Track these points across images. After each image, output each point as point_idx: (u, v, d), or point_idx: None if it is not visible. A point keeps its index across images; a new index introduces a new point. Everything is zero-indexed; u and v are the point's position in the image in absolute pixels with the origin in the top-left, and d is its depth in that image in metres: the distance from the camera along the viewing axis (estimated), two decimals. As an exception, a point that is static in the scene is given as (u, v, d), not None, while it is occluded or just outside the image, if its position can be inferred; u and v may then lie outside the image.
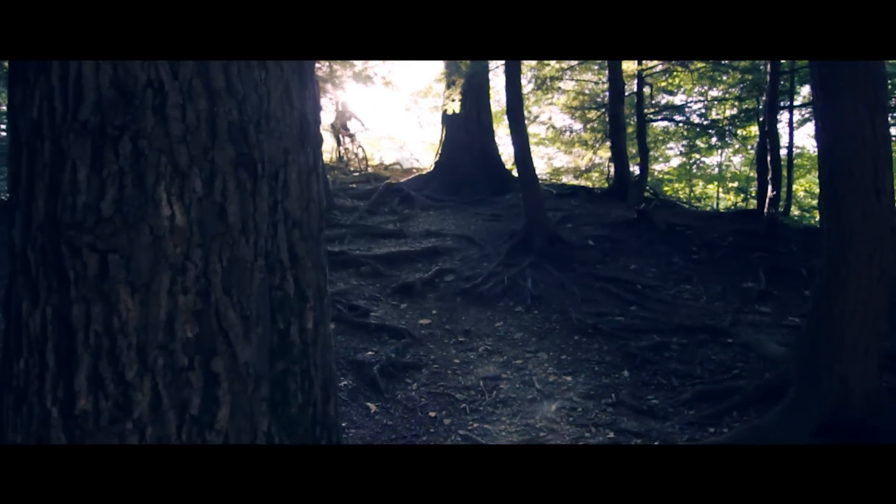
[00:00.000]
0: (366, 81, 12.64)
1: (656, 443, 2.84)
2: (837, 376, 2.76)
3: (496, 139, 11.54)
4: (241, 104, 1.39)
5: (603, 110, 11.62)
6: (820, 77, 2.83)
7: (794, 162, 13.03)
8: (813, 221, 9.64)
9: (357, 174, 12.37)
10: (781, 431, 2.73)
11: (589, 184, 14.96)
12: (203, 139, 1.32)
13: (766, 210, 6.93)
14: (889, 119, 2.97)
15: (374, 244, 7.06)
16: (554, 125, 15.74)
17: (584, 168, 14.95)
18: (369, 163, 13.58)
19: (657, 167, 17.13)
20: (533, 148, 19.67)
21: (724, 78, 9.69)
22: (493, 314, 5.07)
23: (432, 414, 3.38)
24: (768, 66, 7.54)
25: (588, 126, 14.18)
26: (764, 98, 8.15)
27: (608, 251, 6.45)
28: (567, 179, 16.63)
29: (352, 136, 13.14)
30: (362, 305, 5.09)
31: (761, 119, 8.36)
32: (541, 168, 18.97)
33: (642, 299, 5.09)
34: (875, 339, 2.79)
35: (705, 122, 10.65)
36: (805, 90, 9.76)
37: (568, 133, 14.84)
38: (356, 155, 13.19)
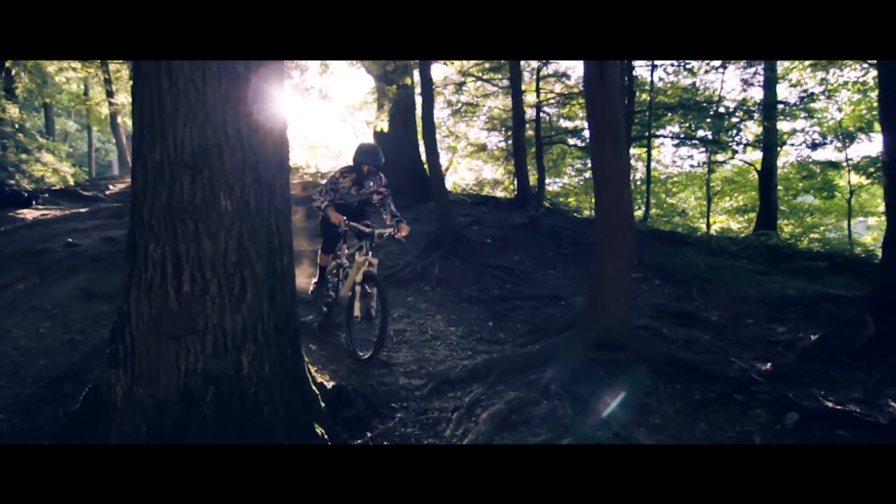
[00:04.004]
0: (303, 94, 13.90)
1: (494, 355, 4.55)
2: (603, 312, 4.54)
3: (421, 154, 13.13)
4: (255, 153, 2.91)
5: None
6: (590, 132, 4.66)
7: (671, 180, 15.55)
8: (668, 226, 12.03)
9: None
10: (568, 346, 4.49)
11: (506, 193, 16.97)
12: (239, 170, 2.83)
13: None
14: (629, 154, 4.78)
15: (313, 243, 8.46)
16: (476, 142, 17.65)
17: (501, 179, 16.93)
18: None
19: (567, 180, 19.47)
20: (462, 161, 21.30)
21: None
22: (407, 293, 6.65)
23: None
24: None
25: (507, 144, 16.16)
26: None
27: (501, 247, 8.24)
28: (491, 189, 18.57)
29: None
30: (304, 287, 6.53)
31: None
32: (469, 178, 20.90)
33: (516, 280, 6.86)
34: (624, 289, 4.59)
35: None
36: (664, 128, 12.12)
37: (487, 150, 16.80)
38: None
